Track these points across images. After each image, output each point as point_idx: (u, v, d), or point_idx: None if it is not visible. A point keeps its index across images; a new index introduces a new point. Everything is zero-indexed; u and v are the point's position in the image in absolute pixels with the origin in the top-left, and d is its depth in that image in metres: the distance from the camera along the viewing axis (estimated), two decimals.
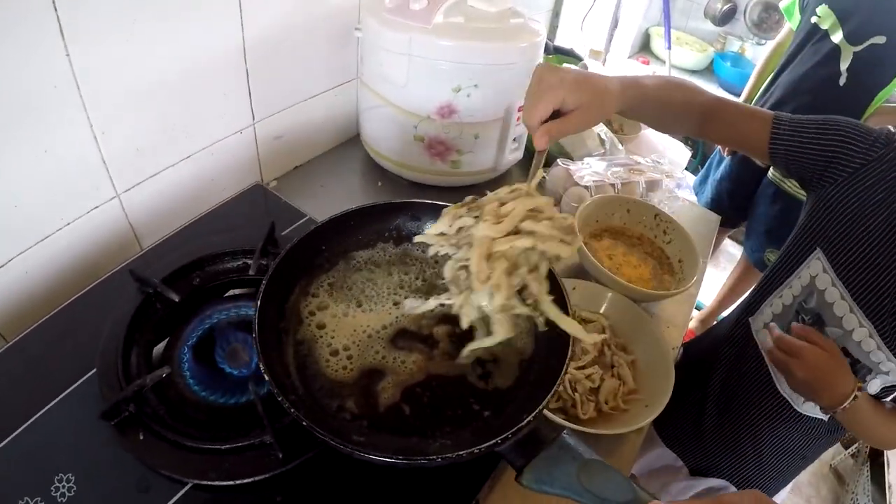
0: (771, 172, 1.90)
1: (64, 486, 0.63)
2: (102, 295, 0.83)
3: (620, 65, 2.80)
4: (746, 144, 0.89)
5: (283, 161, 1.18)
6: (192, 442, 0.65)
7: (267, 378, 0.57)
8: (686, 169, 1.88)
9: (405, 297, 0.75)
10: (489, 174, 1.17)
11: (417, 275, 0.79)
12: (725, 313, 2.23)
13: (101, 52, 0.76)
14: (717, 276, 2.56)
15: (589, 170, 1.18)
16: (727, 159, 2.04)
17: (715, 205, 2.08)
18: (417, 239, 0.70)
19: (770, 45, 2.05)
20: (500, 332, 0.63)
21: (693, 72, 2.93)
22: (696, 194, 2.20)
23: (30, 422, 0.68)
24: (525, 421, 0.57)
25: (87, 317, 0.80)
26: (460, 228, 0.65)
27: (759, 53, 2.94)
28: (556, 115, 0.70)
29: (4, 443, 0.66)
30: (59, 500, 0.62)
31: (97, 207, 0.88)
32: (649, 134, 1.72)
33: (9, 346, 0.76)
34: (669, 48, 2.67)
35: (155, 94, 0.87)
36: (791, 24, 1.82)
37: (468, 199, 0.68)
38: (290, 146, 1.17)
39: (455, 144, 1.06)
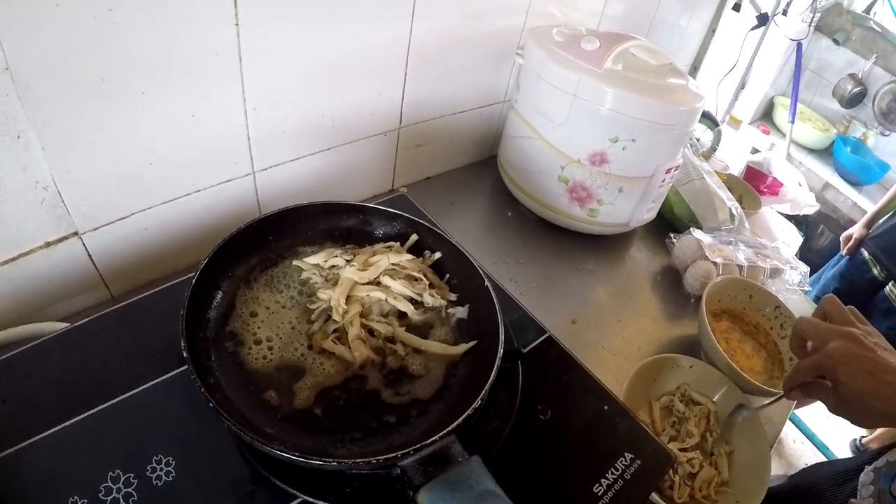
0: (889, 287, 1.83)
1: (161, 469, 0.59)
2: None
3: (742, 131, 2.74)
4: None
5: (417, 170, 1.19)
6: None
7: (185, 355, 0.57)
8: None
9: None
10: (621, 228, 1.16)
11: None
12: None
13: (269, 26, 0.76)
14: None
15: (716, 244, 1.15)
16: (844, 260, 1.97)
17: None
18: (295, 262, 0.75)
19: None
20: (358, 355, 0.67)
21: (812, 150, 2.84)
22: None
23: (133, 392, 0.64)
24: (430, 440, 0.55)
25: None
26: (333, 266, 0.75)
27: (881, 144, 2.83)
28: None
29: (101, 408, 0.62)
30: (155, 481, 0.58)
31: (230, 181, 0.88)
32: (765, 212, 1.68)
33: (125, 304, 0.73)
34: (792, 122, 2.59)
35: (313, 80, 0.87)
36: None
37: (348, 247, 0.79)
38: (426, 156, 1.18)
39: (598, 194, 1.05)
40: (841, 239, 2.07)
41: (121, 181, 0.75)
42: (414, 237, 0.81)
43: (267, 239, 0.75)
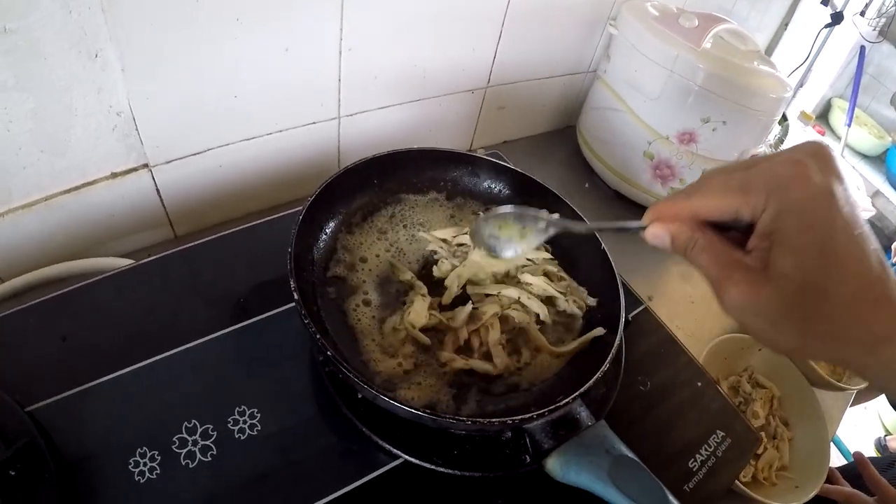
0: None
1: (245, 422, 0.54)
2: None
3: (796, 130, 2.68)
4: None
5: (496, 132, 1.19)
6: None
7: (296, 297, 0.53)
8: None
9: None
10: None
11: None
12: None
13: None
14: None
15: None
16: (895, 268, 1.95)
17: None
18: (422, 234, 0.73)
19: None
20: (499, 362, 0.62)
21: (864, 156, 2.78)
22: None
23: (211, 336, 0.60)
24: (563, 401, 0.52)
25: None
26: (461, 244, 0.72)
27: None
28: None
29: (174, 352, 0.58)
30: (238, 434, 0.53)
31: (315, 124, 0.85)
32: None
33: (198, 243, 0.69)
34: (849, 125, 2.54)
35: (412, 28, 0.85)
36: None
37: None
38: (507, 120, 1.17)
39: (681, 173, 1.04)
40: (893, 248, 2.04)
41: (201, 113, 0.72)
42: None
43: (372, 182, 0.74)
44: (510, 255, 0.53)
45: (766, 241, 0.36)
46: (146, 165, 0.73)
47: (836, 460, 2.29)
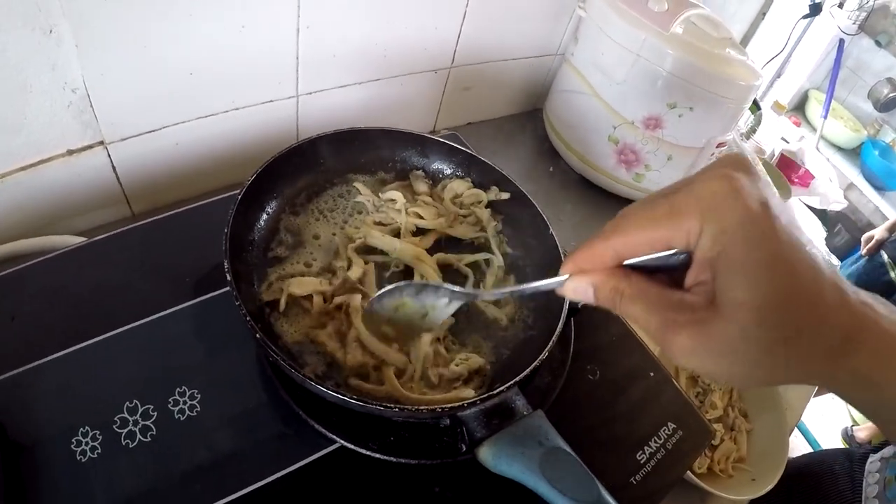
0: None
1: (185, 403, 0.54)
2: None
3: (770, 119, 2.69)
4: None
5: (460, 113, 1.16)
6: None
7: (229, 278, 0.52)
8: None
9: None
10: None
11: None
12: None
13: None
14: None
15: None
16: (862, 260, 1.97)
17: None
18: (356, 183, 0.73)
19: None
20: (349, 358, 0.58)
21: (840, 149, 2.81)
22: None
23: (156, 316, 0.59)
24: (496, 390, 0.51)
25: None
26: (389, 199, 0.72)
27: None
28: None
29: (119, 331, 0.57)
30: (177, 415, 0.53)
31: (272, 102, 0.84)
32: (792, 202, 1.66)
33: (150, 221, 0.68)
34: (825, 118, 2.56)
35: (371, 6, 0.83)
36: None
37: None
38: (472, 101, 1.14)
39: (646, 159, 1.03)
40: (862, 239, 2.06)
41: (156, 90, 0.71)
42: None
43: (318, 162, 0.72)
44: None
45: (707, 271, 0.32)
46: (102, 143, 0.71)
47: (802, 447, 2.32)
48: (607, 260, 0.35)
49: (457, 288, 0.45)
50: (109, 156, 0.73)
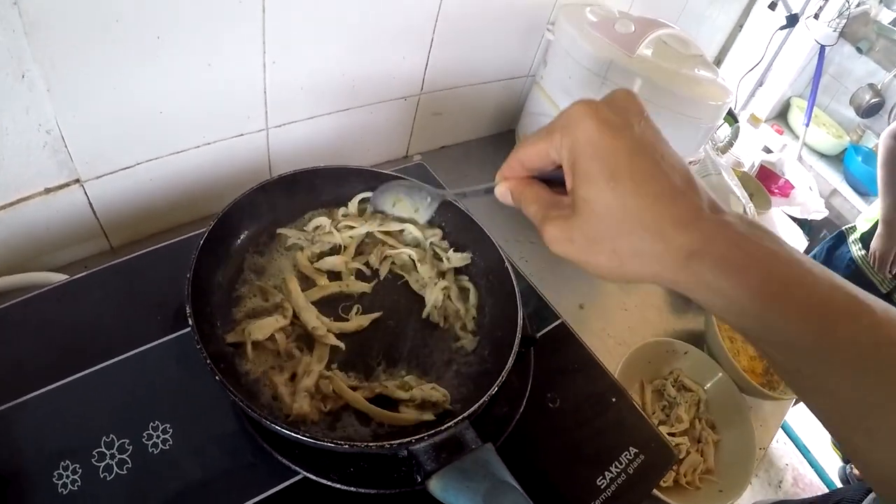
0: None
1: (158, 437, 0.57)
2: None
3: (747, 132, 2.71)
4: None
5: (433, 138, 1.18)
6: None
7: (191, 323, 0.54)
8: None
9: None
10: None
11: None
12: None
13: None
14: None
15: None
16: (819, 246, 1.99)
17: None
18: (280, 230, 0.74)
19: None
20: (296, 408, 0.60)
21: (823, 155, 2.82)
22: None
23: (131, 353, 0.62)
24: (445, 426, 0.54)
25: None
26: (317, 227, 0.76)
27: None
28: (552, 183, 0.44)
29: (97, 368, 0.60)
30: (151, 449, 0.56)
31: (242, 136, 0.86)
32: (773, 213, 1.67)
33: (126, 259, 0.71)
34: (807, 125, 2.57)
35: (337, 38, 0.85)
36: None
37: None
38: (444, 125, 1.16)
39: None
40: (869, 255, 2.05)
41: (128, 129, 0.73)
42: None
43: (280, 202, 0.74)
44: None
45: (570, 176, 0.39)
46: (78, 180, 0.73)
47: (792, 454, 2.32)
48: (516, 169, 0.44)
49: (435, 189, 0.59)
50: (86, 193, 0.75)
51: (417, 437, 0.52)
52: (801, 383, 0.37)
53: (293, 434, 0.50)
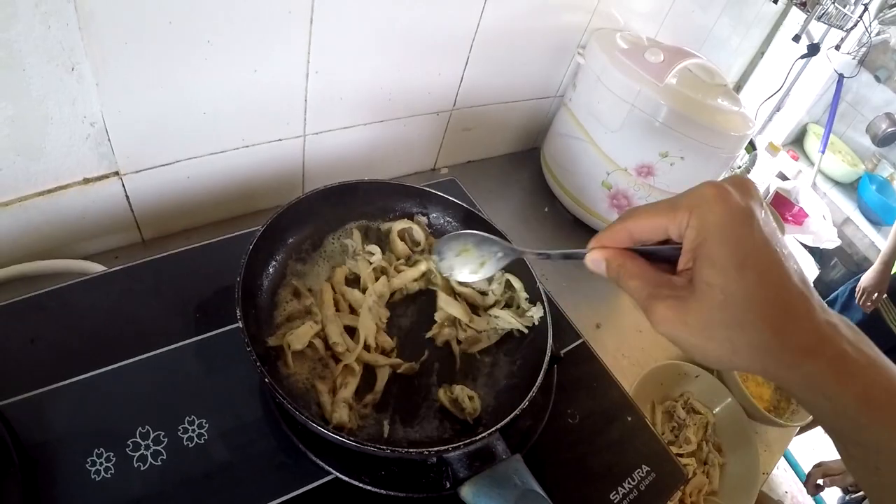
0: None
1: (194, 431, 0.58)
2: None
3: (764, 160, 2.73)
4: None
5: (460, 153, 1.21)
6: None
7: (241, 325, 0.56)
8: None
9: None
10: None
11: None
12: None
13: None
14: None
15: None
16: (860, 313, 1.97)
17: None
18: (346, 240, 0.77)
19: None
20: (336, 417, 0.62)
21: (837, 183, 2.84)
22: None
23: (170, 347, 0.64)
24: (479, 436, 0.57)
25: None
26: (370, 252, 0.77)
27: None
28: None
29: (135, 359, 0.62)
30: (186, 442, 0.57)
31: (281, 141, 0.88)
32: (786, 240, 1.69)
33: (168, 254, 0.73)
34: (823, 152, 2.59)
35: (378, 51, 0.87)
36: None
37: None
38: (472, 141, 1.19)
39: (638, 204, 1.07)
40: (857, 290, 2.04)
41: (171, 127, 0.75)
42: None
43: (322, 212, 0.76)
44: (465, 279, 0.58)
45: (691, 257, 0.39)
46: (117, 173, 0.75)
47: (792, 481, 2.34)
48: (621, 239, 0.43)
49: (509, 244, 0.55)
50: (124, 186, 0.77)
51: (454, 445, 0.55)
52: (875, 479, 0.39)
53: (338, 438, 0.53)
